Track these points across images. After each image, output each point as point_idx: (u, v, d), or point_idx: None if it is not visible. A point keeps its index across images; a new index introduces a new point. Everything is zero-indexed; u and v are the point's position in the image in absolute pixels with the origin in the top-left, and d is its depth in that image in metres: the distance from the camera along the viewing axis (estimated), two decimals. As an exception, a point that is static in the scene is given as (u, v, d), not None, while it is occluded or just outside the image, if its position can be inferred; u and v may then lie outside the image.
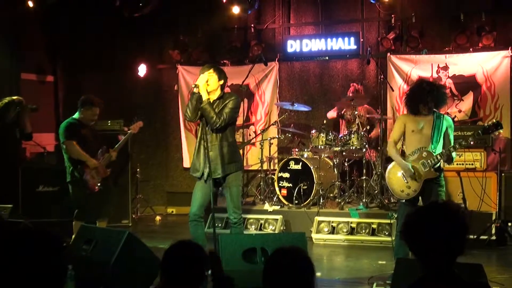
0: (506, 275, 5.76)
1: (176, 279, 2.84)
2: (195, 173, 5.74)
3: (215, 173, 5.58)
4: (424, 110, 5.45)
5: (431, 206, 2.50)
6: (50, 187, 8.21)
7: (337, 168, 8.06)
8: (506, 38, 8.46)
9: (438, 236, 2.34)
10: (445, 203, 2.47)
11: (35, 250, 2.06)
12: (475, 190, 7.37)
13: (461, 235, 2.39)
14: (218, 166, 5.59)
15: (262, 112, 9.70)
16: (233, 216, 5.74)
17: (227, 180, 5.68)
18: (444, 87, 6.10)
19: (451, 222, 2.37)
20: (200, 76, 5.64)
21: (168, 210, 10.14)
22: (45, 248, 2.08)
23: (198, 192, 5.73)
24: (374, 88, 9.13)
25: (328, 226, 7.57)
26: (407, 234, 2.43)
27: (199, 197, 5.71)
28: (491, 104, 8.46)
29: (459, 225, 2.38)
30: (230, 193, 5.71)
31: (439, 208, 2.44)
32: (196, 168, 5.71)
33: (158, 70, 10.32)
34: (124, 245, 4.63)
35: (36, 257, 2.05)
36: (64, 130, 6.72)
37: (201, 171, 5.64)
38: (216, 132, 5.63)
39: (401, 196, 5.52)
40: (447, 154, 5.38)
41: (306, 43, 9.38)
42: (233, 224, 5.80)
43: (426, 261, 2.39)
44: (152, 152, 10.40)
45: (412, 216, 2.46)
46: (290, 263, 2.66)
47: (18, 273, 2.01)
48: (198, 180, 5.72)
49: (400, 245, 5.55)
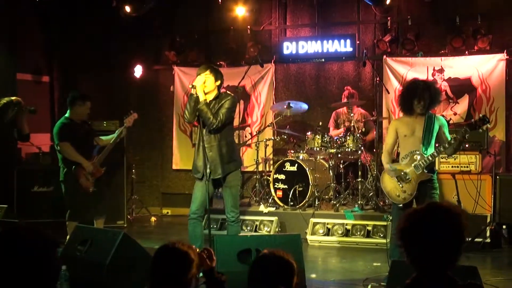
0: (501, 277, 5.77)
1: (160, 283, 2.85)
2: (196, 174, 5.80)
3: (216, 173, 5.63)
4: (418, 108, 5.40)
5: (429, 208, 2.46)
6: (45, 187, 8.19)
7: (332, 170, 8.07)
8: (502, 41, 8.49)
9: (436, 238, 2.32)
10: (443, 205, 2.44)
11: (27, 249, 2.04)
12: (470, 192, 7.38)
13: (459, 237, 2.37)
14: (218, 166, 5.62)
15: (258, 113, 9.71)
16: (231, 215, 5.78)
17: (227, 179, 5.73)
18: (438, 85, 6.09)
19: (450, 224, 2.35)
20: (197, 77, 5.65)
21: (163, 211, 10.13)
22: (37, 247, 2.07)
23: (199, 191, 5.77)
24: (370, 90, 9.15)
25: (323, 227, 7.58)
26: (405, 235, 2.41)
27: (199, 196, 5.75)
28: (486, 107, 8.49)
29: (457, 227, 2.36)
30: (230, 192, 5.77)
31: (437, 209, 2.41)
32: (197, 169, 5.75)
33: (154, 71, 10.31)
34: (119, 245, 4.63)
35: (28, 256, 2.03)
36: (58, 131, 6.70)
37: (201, 172, 5.67)
38: (215, 133, 5.66)
39: (398, 201, 5.50)
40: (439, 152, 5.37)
41: (302, 45, 9.39)
42: (231, 222, 5.82)
43: (421, 263, 2.37)
44: (147, 153, 10.40)
45: (410, 217, 2.43)
46: (270, 270, 2.69)
47: (9, 271, 1.99)
48: (199, 180, 5.74)
49: (395, 247, 5.54)
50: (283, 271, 2.70)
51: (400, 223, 2.45)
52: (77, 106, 6.79)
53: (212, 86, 5.68)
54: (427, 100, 5.38)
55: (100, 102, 7.03)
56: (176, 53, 9.88)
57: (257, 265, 2.79)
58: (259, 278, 2.71)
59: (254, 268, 2.79)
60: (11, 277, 1.99)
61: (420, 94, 5.36)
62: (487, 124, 5.36)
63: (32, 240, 2.08)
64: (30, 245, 2.06)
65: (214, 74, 5.69)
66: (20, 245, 2.05)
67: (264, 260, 2.80)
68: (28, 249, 2.04)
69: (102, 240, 4.82)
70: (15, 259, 2.01)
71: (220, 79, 5.74)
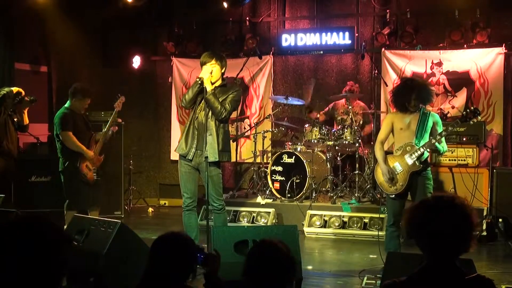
0: (496, 270, 5.81)
1: (161, 270, 2.79)
2: (181, 152, 5.70)
3: (211, 157, 5.54)
4: (410, 107, 5.46)
5: (438, 198, 2.48)
6: (42, 177, 8.20)
7: (330, 162, 8.08)
8: (501, 34, 8.48)
9: (445, 228, 2.34)
10: (453, 197, 2.46)
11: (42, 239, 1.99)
12: (467, 186, 7.42)
13: (468, 228, 2.39)
14: (215, 150, 5.56)
15: (257, 105, 9.71)
16: (218, 203, 5.71)
17: (210, 168, 5.56)
18: (430, 84, 6.11)
19: (460, 214, 2.36)
20: (203, 68, 5.61)
21: (160, 202, 10.15)
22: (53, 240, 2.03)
23: (188, 179, 5.73)
24: (368, 83, 9.15)
25: (320, 219, 7.60)
26: (415, 224, 2.42)
27: (190, 185, 5.73)
28: (484, 100, 8.49)
29: (468, 217, 2.38)
30: (212, 180, 5.64)
31: (447, 200, 2.43)
32: (182, 148, 5.68)
33: (152, 62, 10.31)
34: (117, 235, 4.63)
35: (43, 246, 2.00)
36: (60, 120, 6.72)
37: (187, 150, 5.62)
38: (216, 119, 5.61)
39: (389, 191, 5.55)
40: (431, 144, 5.40)
41: (300, 37, 9.38)
42: (218, 211, 5.74)
43: (431, 253, 2.39)
44: (145, 144, 10.41)
45: (421, 206, 2.45)
46: (268, 257, 2.69)
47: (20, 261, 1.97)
48: (183, 159, 5.70)
49: (391, 239, 5.58)
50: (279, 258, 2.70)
51: (411, 212, 2.46)
52: (76, 99, 6.82)
53: (218, 75, 5.67)
54: (418, 101, 5.44)
55: (98, 92, 7.02)
56: (174, 44, 9.86)
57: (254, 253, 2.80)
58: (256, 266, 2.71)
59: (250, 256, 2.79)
60: (21, 266, 1.96)
61: (410, 97, 5.41)
62: (478, 116, 5.44)
63: (49, 232, 2.03)
64: (45, 238, 2.01)
65: (220, 62, 5.66)
66: (36, 236, 2.00)
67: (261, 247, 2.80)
68: (44, 242, 1.99)
69: (99, 230, 4.82)
70: (29, 250, 1.98)
71: (225, 66, 5.74)
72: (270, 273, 2.66)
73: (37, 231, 2.01)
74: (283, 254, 2.72)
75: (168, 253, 2.81)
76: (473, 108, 5.47)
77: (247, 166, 9.59)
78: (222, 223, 5.76)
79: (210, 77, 5.57)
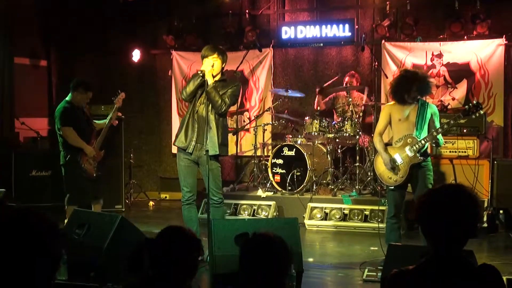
0: (496, 261, 5.80)
1: (164, 267, 2.69)
2: (180, 144, 5.69)
3: (211, 151, 5.54)
4: (409, 99, 5.47)
5: (447, 187, 2.51)
6: (43, 171, 8.21)
7: (330, 155, 8.08)
8: (501, 26, 8.45)
9: (454, 217, 2.34)
10: (461, 186, 2.47)
11: (31, 231, 1.99)
12: (467, 177, 7.41)
13: (475, 217, 2.41)
14: (215, 144, 5.56)
15: (257, 98, 9.69)
16: (217, 197, 5.72)
17: (210, 161, 5.54)
18: (428, 76, 6.11)
19: (468, 204, 2.38)
20: (204, 61, 5.61)
21: (161, 195, 10.15)
22: (42, 230, 2.03)
23: (187, 173, 5.73)
24: (368, 75, 9.13)
25: (321, 212, 7.60)
26: (423, 214, 2.42)
27: (189, 179, 5.73)
28: (484, 92, 8.47)
29: (475, 207, 2.40)
30: (212, 174, 5.63)
31: (455, 189, 2.44)
32: (182, 140, 5.67)
33: (152, 55, 10.29)
34: (117, 229, 4.64)
35: (32, 238, 2.00)
36: (60, 115, 6.68)
37: (187, 143, 5.62)
38: (215, 113, 5.62)
39: (389, 183, 5.56)
40: (432, 137, 5.41)
41: (300, 29, 9.34)
42: (216, 204, 5.74)
43: (437, 242, 2.39)
44: (145, 137, 10.41)
45: (429, 196, 2.46)
46: (261, 250, 2.68)
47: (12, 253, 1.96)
48: (183, 153, 5.70)
49: (392, 231, 5.59)
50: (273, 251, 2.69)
51: (419, 202, 2.47)
52: (78, 92, 6.78)
53: (219, 69, 5.66)
54: (417, 93, 5.45)
55: (98, 86, 7.00)
56: (174, 37, 9.83)
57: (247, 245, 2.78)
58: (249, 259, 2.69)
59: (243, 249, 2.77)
60: (12, 260, 1.95)
61: (409, 88, 5.41)
62: (480, 110, 5.44)
63: (35, 224, 2.02)
64: (35, 227, 2.01)
65: (221, 57, 5.66)
66: (23, 228, 2.00)
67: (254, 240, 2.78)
68: (30, 233, 1.99)
69: (100, 224, 4.83)
70: (19, 243, 1.97)
71: (225, 60, 5.74)
72: (264, 265, 2.64)
73: (26, 224, 2.01)
74: (277, 247, 2.70)
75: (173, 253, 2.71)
76: (476, 103, 5.49)
77: (248, 159, 9.58)
78: (220, 217, 5.77)
79: (211, 71, 5.56)
